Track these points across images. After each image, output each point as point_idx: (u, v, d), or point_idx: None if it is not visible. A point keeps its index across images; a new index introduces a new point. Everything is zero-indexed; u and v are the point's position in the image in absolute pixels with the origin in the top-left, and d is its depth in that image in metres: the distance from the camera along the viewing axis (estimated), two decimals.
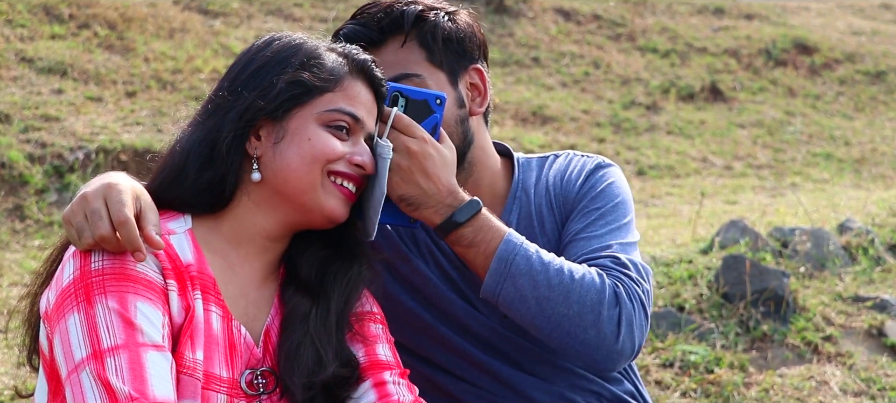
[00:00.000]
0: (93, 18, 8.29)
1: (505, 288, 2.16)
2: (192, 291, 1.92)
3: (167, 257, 1.90)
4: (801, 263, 4.94)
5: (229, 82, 2.00)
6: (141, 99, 7.54)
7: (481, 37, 2.37)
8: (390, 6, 2.28)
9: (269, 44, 2.04)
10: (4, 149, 6.39)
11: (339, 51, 2.06)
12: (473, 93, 2.34)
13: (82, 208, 1.88)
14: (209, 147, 1.95)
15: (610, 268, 2.21)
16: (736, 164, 8.75)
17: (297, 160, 1.97)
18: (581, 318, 2.15)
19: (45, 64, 7.56)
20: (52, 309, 1.85)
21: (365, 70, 2.06)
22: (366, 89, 2.06)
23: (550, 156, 2.47)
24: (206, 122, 1.98)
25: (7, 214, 6.10)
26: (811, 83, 10.53)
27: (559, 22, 10.71)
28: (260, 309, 2.03)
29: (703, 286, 4.70)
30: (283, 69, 1.99)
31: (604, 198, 2.33)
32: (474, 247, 2.16)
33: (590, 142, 8.67)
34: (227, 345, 1.95)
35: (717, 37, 11.05)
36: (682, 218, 6.74)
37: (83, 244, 1.85)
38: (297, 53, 2.01)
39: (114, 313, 1.81)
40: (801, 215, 6.00)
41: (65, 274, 1.86)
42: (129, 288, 1.84)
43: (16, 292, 5.03)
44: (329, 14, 9.75)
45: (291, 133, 1.97)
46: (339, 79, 2.01)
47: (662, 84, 9.97)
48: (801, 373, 4.31)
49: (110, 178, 1.92)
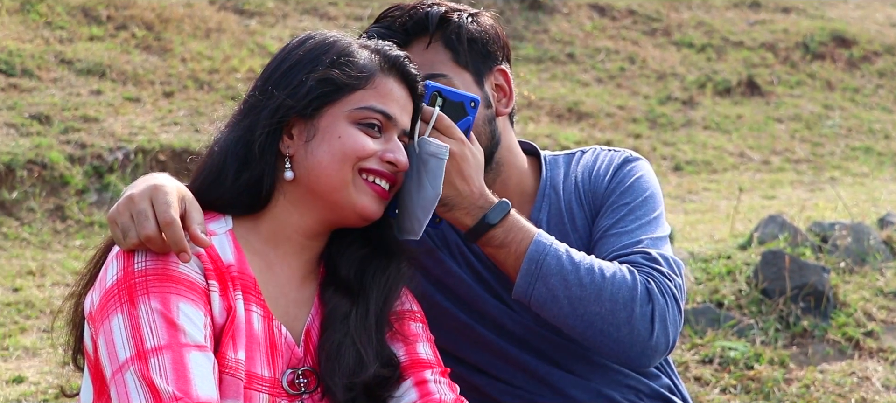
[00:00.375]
0: (130, 19, 8.37)
1: (536, 289, 2.16)
2: (234, 291, 1.93)
3: (209, 258, 1.92)
4: (841, 258, 4.89)
5: (263, 82, 2.02)
6: (178, 99, 7.60)
7: (504, 38, 2.38)
8: (414, 8, 2.29)
9: (303, 42, 2.04)
10: (45, 150, 6.47)
11: (372, 47, 2.05)
12: (499, 94, 2.35)
13: (128, 208, 1.89)
14: (245, 147, 1.96)
15: (641, 264, 2.20)
16: (773, 159, 8.68)
17: (327, 158, 1.97)
18: (614, 316, 2.15)
19: (84, 65, 7.64)
20: (96, 310, 1.87)
21: (398, 66, 2.06)
22: (399, 86, 2.05)
23: (577, 152, 2.47)
24: (241, 123, 1.99)
25: (48, 215, 6.17)
26: (849, 76, 10.43)
27: (594, 17, 10.68)
28: (300, 309, 2.03)
29: (741, 282, 4.67)
30: (314, 67, 1.99)
31: (633, 192, 2.33)
32: (505, 248, 2.16)
33: (626, 137, 8.63)
34: (269, 345, 1.96)
35: (753, 30, 10.97)
36: (720, 213, 6.70)
37: (128, 244, 1.87)
38: (328, 51, 2.01)
39: (156, 313, 1.83)
40: (840, 210, 5.94)
41: (108, 275, 1.88)
42: (171, 289, 1.85)
43: (59, 292, 5.09)
44: (364, 12, 9.77)
45: (322, 131, 1.98)
46: (371, 77, 2.01)
47: (698, 79, 9.91)
48: (842, 369, 4.28)
49: (156, 179, 1.94)
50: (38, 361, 4.29)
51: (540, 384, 2.36)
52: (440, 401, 2.01)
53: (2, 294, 4.97)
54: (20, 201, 6.16)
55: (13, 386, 3.99)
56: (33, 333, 4.57)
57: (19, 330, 4.57)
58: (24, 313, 4.77)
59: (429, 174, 2.09)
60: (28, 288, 5.10)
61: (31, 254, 5.68)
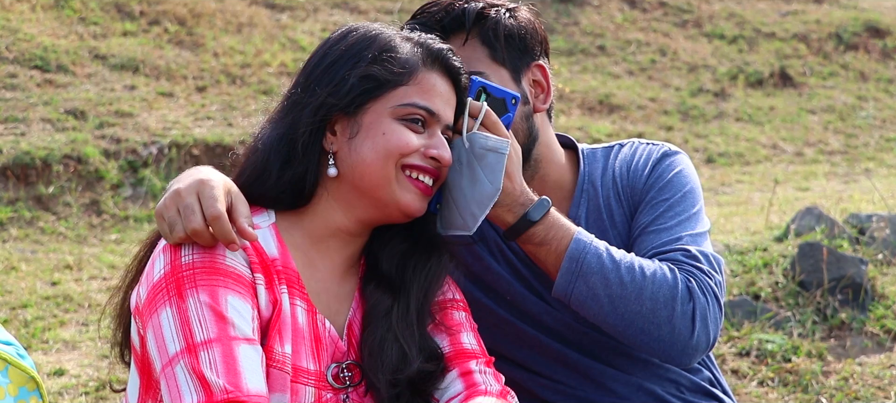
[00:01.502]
0: (163, 15, 8.41)
1: (577, 287, 2.15)
2: (279, 285, 1.93)
3: (254, 251, 1.92)
4: (878, 250, 4.86)
5: (305, 77, 2.01)
6: (211, 93, 7.64)
7: (542, 33, 2.34)
8: (451, 4, 2.26)
9: (344, 37, 2.02)
10: (80, 145, 6.52)
11: (415, 40, 2.03)
12: (537, 90, 2.33)
13: (175, 203, 1.90)
14: (288, 145, 1.96)
15: (681, 262, 2.19)
16: (807, 151, 8.63)
17: (371, 155, 1.96)
18: (655, 315, 2.14)
19: (118, 61, 7.69)
20: (144, 305, 1.87)
21: (442, 59, 2.04)
22: (442, 80, 2.04)
23: (615, 146, 2.44)
24: (285, 119, 1.99)
25: (84, 209, 6.22)
26: (883, 67, 10.34)
27: (625, 10, 10.64)
28: (342, 303, 2.03)
29: (778, 274, 4.64)
30: (356, 63, 1.98)
31: (672, 188, 2.31)
32: (546, 245, 2.15)
33: (657, 130, 8.60)
34: (313, 339, 1.96)
35: (785, 21, 10.89)
36: (754, 205, 6.66)
37: (175, 238, 1.88)
38: (370, 46, 1.99)
39: (205, 306, 1.83)
40: (876, 201, 5.90)
41: (155, 270, 1.88)
42: (219, 282, 1.85)
43: (96, 285, 5.13)
44: (394, 5, 9.78)
45: (365, 127, 1.97)
46: (413, 72, 1.99)
47: (730, 70, 9.86)
48: (881, 362, 4.25)
49: (202, 174, 1.94)
50: (77, 354, 4.33)
51: (581, 378, 2.36)
52: (486, 392, 2.00)
53: (40, 287, 5.02)
54: (56, 196, 6.21)
55: (54, 379, 4.03)
56: (72, 326, 4.61)
57: (59, 323, 4.62)
58: (62, 306, 4.81)
59: (486, 169, 2.07)
60: (66, 282, 5.15)
61: (68, 248, 5.73)
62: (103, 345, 4.36)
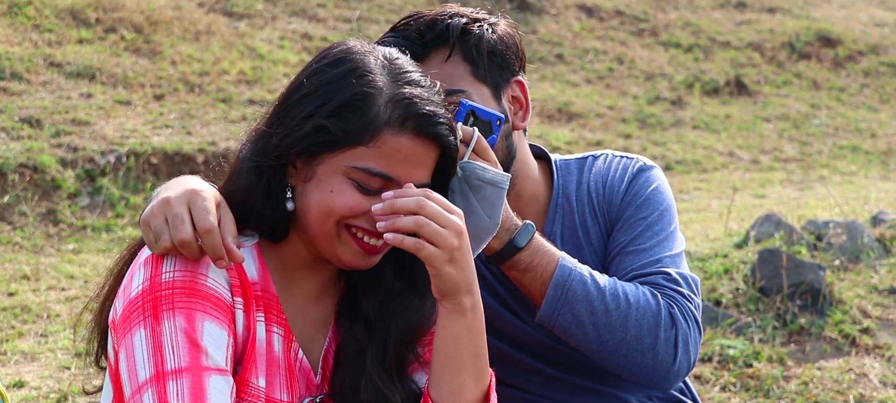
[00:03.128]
0: (119, 22, 8.33)
1: (562, 314, 2.15)
2: (256, 312, 1.88)
3: (236, 272, 1.86)
4: (835, 256, 4.93)
5: (284, 99, 1.91)
6: (169, 101, 7.58)
7: (521, 47, 2.30)
8: (434, 19, 2.20)
9: (327, 68, 1.89)
10: (36, 153, 6.44)
11: (395, 96, 1.85)
12: (515, 107, 2.28)
13: (163, 211, 1.83)
14: (264, 183, 1.88)
15: (662, 286, 2.19)
16: (763, 158, 8.73)
17: (315, 208, 1.86)
18: (639, 342, 2.14)
19: (74, 68, 7.60)
20: (119, 321, 1.82)
21: (422, 125, 1.85)
22: (416, 142, 1.86)
23: (589, 158, 2.41)
24: (256, 145, 1.90)
25: (41, 219, 6.14)
26: (835, 75, 10.50)
27: (582, 18, 10.71)
28: (317, 330, 1.97)
29: (739, 280, 4.69)
30: (320, 108, 1.85)
31: (649, 206, 2.29)
32: (531, 272, 2.14)
33: (616, 137, 8.66)
34: (287, 368, 1.91)
35: (739, 30, 11.02)
36: (712, 212, 6.73)
37: (160, 248, 1.81)
38: (339, 92, 1.85)
39: (180, 332, 1.78)
40: (832, 208, 5.98)
41: (134, 284, 1.82)
42: (197, 306, 1.80)
43: (54, 295, 5.07)
44: (353, 14, 9.77)
45: (318, 177, 1.86)
46: (376, 134, 1.84)
47: (686, 79, 9.95)
48: (839, 366, 4.31)
49: (193, 183, 1.87)
50: (37, 366, 4.27)
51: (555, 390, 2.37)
52: None
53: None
54: (12, 205, 6.13)
55: (14, 391, 3.97)
56: (31, 338, 4.55)
57: (17, 334, 4.55)
58: (20, 317, 4.75)
59: (484, 202, 2.01)
60: (23, 292, 5.08)
61: (25, 259, 5.65)
62: (64, 356, 4.30)
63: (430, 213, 1.82)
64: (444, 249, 1.82)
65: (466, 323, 1.89)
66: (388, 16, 9.83)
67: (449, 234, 1.82)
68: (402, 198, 1.82)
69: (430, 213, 1.82)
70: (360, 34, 9.51)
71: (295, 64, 8.58)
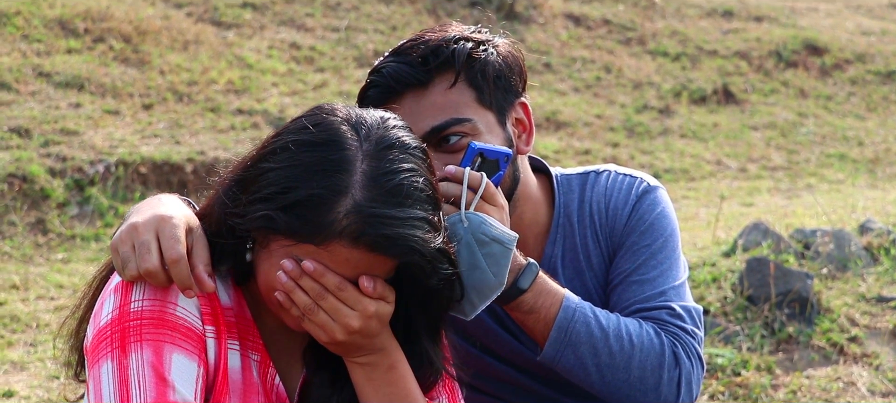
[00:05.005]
0: (108, 32, 8.33)
1: (565, 356, 2.12)
2: (229, 339, 1.84)
3: (207, 299, 1.81)
4: (823, 264, 4.95)
5: (250, 161, 1.81)
6: (158, 111, 7.58)
7: (523, 66, 2.23)
8: (439, 45, 2.12)
9: (299, 147, 1.76)
10: (25, 163, 6.43)
11: (358, 203, 1.72)
12: (519, 130, 2.22)
13: (131, 238, 1.78)
14: (223, 227, 1.82)
15: (666, 322, 2.17)
16: (750, 167, 8.76)
17: (263, 278, 1.80)
18: (642, 383, 2.13)
19: (63, 78, 7.60)
20: (90, 348, 1.79)
21: (372, 241, 1.73)
22: (366, 256, 1.75)
23: (591, 173, 2.34)
24: (230, 192, 1.82)
25: (30, 228, 6.14)
26: (822, 84, 10.54)
27: (570, 27, 10.74)
28: (292, 358, 1.93)
29: (727, 289, 4.72)
30: (275, 195, 1.74)
31: (654, 232, 2.24)
32: (534, 314, 2.11)
33: (604, 146, 8.69)
34: (265, 394, 1.87)
35: (727, 39, 11.07)
36: (701, 221, 6.75)
37: (127, 275, 1.77)
38: (300, 185, 1.73)
39: (147, 365, 1.73)
40: (820, 216, 6.01)
41: (104, 312, 1.78)
42: (165, 337, 1.75)
43: (43, 305, 5.06)
44: (341, 23, 9.78)
45: (270, 250, 1.78)
46: (329, 241, 1.73)
47: (674, 87, 9.99)
48: (827, 375, 4.33)
49: (163, 208, 1.82)
50: (26, 375, 4.26)
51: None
52: None
53: None
54: (1, 215, 6.12)
55: (3, 400, 3.97)
56: (20, 347, 4.55)
57: (6, 344, 4.55)
58: (9, 327, 4.74)
59: (490, 258, 1.96)
60: (12, 302, 5.07)
61: (14, 268, 5.64)
62: (53, 366, 4.30)
63: (326, 307, 1.77)
64: (326, 334, 1.79)
65: (365, 374, 1.85)
66: (376, 26, 9.85)
67: (335, 328, 1.78)
68: (307, 283, 1.75)
69: (326, 307, 1.77)
70: (348, 44, 9.53)
71: (283, 73, 8.59)
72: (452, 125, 2.10)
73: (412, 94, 2.11)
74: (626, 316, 2.19)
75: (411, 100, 2.11)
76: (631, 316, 2.19)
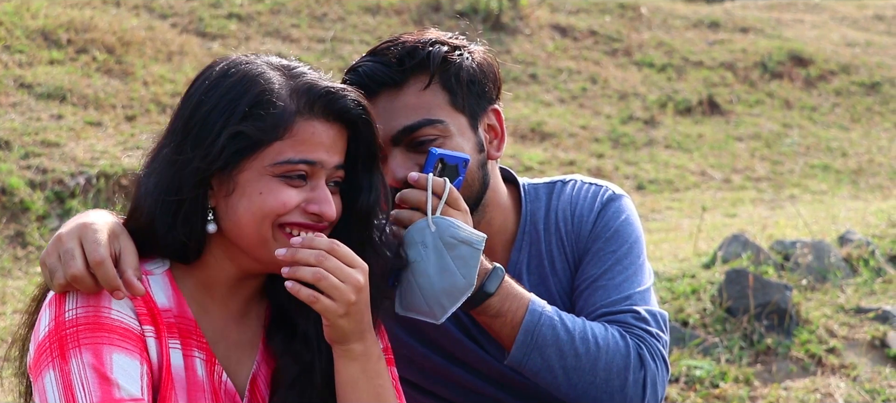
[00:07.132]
0: (91, 43, 8.31)
1: (531, 359, 2.14)
2: (170, 339, 1.85)
3: (143, 301, 1.84)
4: (802, 276, 4.96)
5: (183, 124, 1.87)
6: (141, 123, 7.56)
7: (498, 73, 2.27)
8: (415, 46, 2.16)
9: (221, 79, 1.87)
10: (5, 175, 6.40)
11: (295, 86, 1.87)
12: (491, 136, 2.25)
13: (56, 249, 1.82)
14: (173, 206, 1.84)
15: (631, 326, 2.19)
16: (734, 177, 8.77)
17: (247, 215, 1.84)
18: (608, 385, 2.15)
19: (44, 89, 7.57)
20: (32, 365, 1.81)
21: (325, 104, 1.87)
22: (325, 125, 1.87)
23: (557, 183, 2.39)
24: (166, 171, 1.85)
25: (9, 241, 6.10)
26: (807, 95, 10.57)
27: (556, 38, 10.75)
28: (244, 352, 1.95)
29: (706, 300, 4.71)
30: (228, 118, 1.83)
31: (619, 239, 2.28)
32: (501, 317, 2.13)
33: (589, 157, 8.69)
34: (212, 392, 1.89)
35: (712, 50, 11.09)
36: (683, 232, 6.75)
37: (56, 285, 1.80)
38: (244, 96, 1.84)
39: (89, 368, 1.76)
40: (801, 227, 6.01)
41: (41, 326, 1.81)
42: (103, 339, 1.77)
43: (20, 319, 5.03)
44: (327, 34, 9.78)
45: (241, 186, 1.84)
46: (289, 124, 1.85)
47: (660, 98, 10.00)
48: (805, 386, 4.32)
49: (86, 218, 1.85)
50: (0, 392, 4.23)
51: None
52: None
53: None
54: None
55: None
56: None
57: None
58: None
59: (458, 261, 2.01)
60: None
61: None
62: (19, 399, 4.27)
63: (329, 267, 1.82)
64: (339, 303, 1.82)
65: (360, 366, 1.89)
66: (361, 36, 9.85)
67: (347, 289, 1.82)
68: (304, 251, 1.82)
69: (330, 267, 1.82)
70: (333, 54, 9.52)
71: None
72: (425, 126, 2.14)
73: (387, 94, 2.15)
74: (593, 320, 2.21)
75: (386, 99, 2.15)
76: (597, 320, 2.21)
